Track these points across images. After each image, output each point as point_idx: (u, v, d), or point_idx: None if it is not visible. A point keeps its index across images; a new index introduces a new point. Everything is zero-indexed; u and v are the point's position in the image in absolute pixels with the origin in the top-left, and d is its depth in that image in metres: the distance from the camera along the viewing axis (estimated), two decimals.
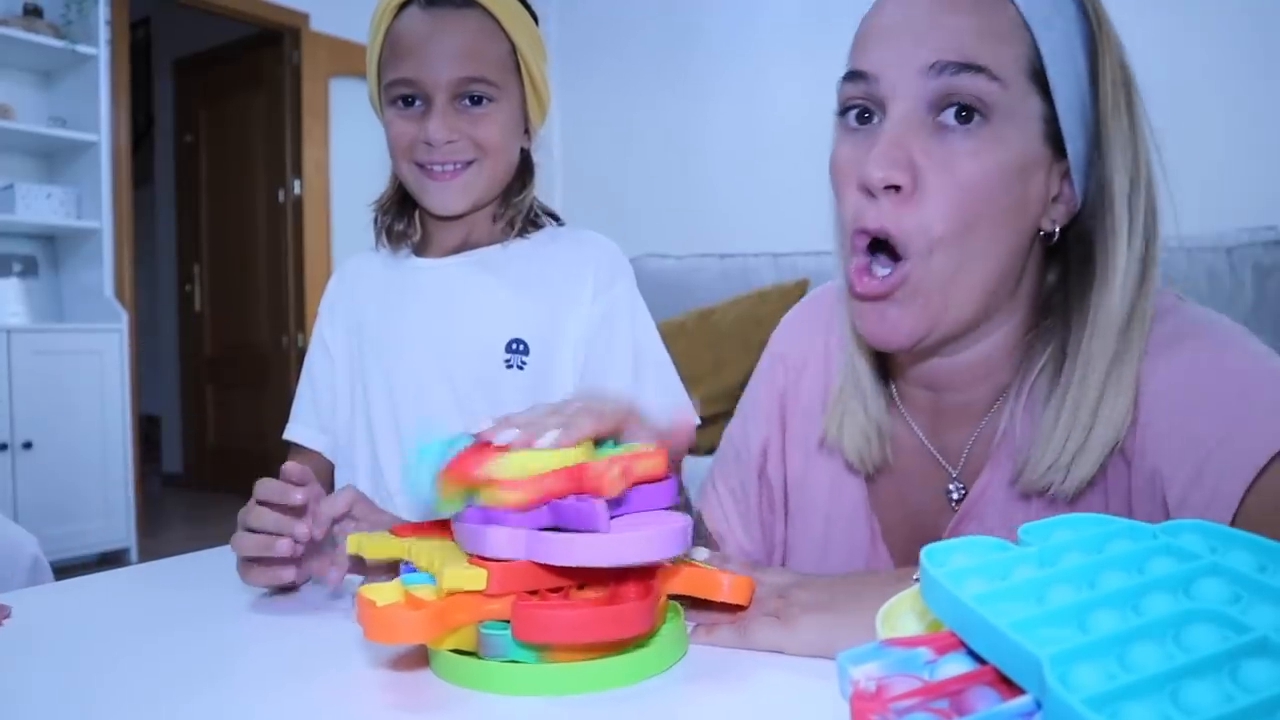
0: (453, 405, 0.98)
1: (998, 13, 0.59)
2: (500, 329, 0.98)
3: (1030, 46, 0.59)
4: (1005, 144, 0.59)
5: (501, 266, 1.01)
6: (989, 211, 0.59)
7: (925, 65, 0.58)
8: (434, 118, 0.93)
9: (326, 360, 1.06)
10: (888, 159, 0.58)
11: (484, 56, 0.95)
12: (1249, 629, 0.29)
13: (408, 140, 0.96)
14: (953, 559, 0.37)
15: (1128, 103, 0.62)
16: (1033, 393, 0.65)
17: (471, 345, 0.99)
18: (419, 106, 0.95)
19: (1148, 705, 0.27)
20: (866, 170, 0.58)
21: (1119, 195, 0.61)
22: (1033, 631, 0.30)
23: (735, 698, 0.51)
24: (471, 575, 0.51)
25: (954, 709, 0.31)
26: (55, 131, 3.33)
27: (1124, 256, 0.61)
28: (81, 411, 3.26)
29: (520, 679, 0.51)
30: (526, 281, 1.00)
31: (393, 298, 1.03)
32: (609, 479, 0.51)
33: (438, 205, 0.97)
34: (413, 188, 0.98)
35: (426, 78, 0.93)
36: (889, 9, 0.62)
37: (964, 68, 0.58)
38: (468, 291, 1.00)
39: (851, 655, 0.33)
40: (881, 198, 0.59)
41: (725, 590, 0.59)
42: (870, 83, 0.61)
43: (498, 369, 0.98)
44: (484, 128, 0.95)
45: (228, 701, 0.52)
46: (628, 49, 3.89)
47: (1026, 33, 0.59)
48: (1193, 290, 2.09)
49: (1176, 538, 0.37)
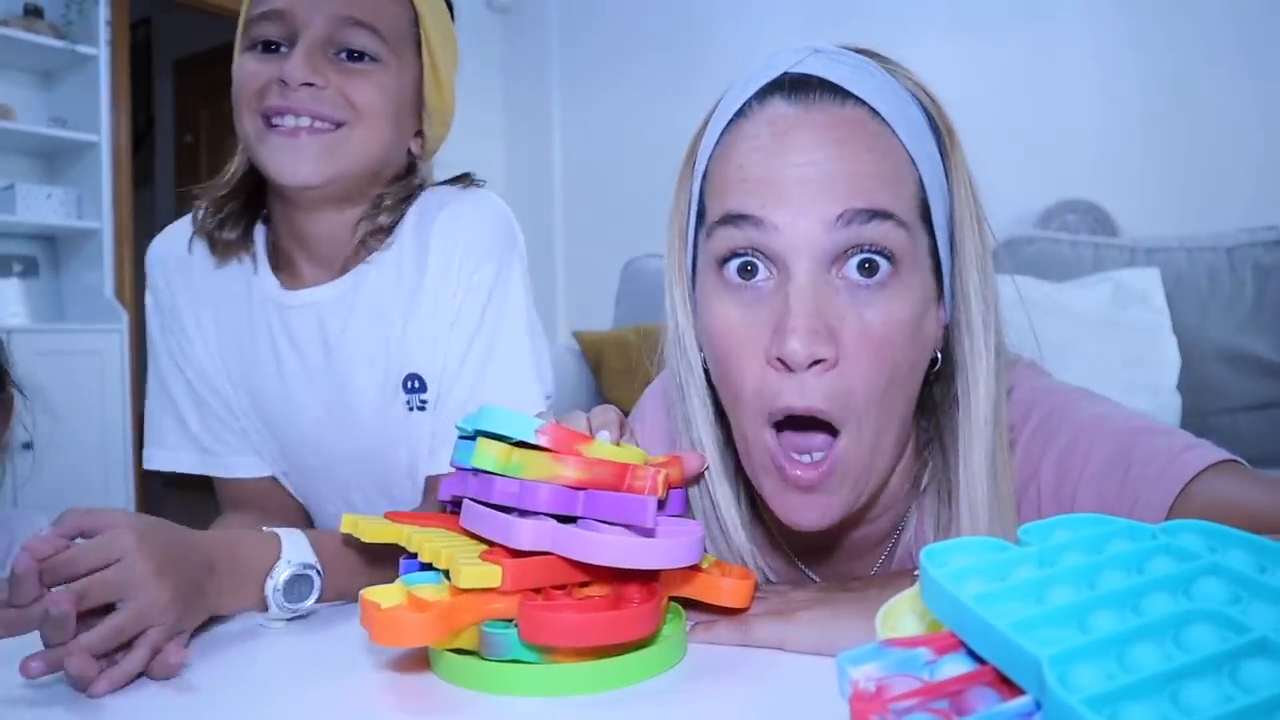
0: (362, 475, 0.86)
1: (891, 149, 0.55)
2: (393, 370, 0.81)
3: (917, 181, 0.56)
4: (910, 292, 0.56)
5: (374, 287, 0.82)
6: (903, 363, 0.56)
7: (833, 216, 0.53)
8: (296, 54, 0.73)
9: (205, 383, 0.88)
10: (811, 333, 0.52)
11: (376, 3, 0.77)
12: (1249, 629, 0.29)
13: (259, 83, 0.74)
14: (952, 559, 0.37)
15: (976, 214, 0.60)
16: (924, 514, 0.65)
17: (370, 402, 0.82)
18: (283, 52, 0.75)
19: (1147, 705, 0.27)
20: (788, 348, 0.52)
21: (974, 299, 0.58)
22: (1032, 632, 0.31)
23: (735, 698, 0.51)
24: (487, 572, 0.51)
25: (954, 709, 0.31)
26: (55, 132, 3.33)
27: (983, 362, 0.58)
28: (82, 412, 3.26)
29: (523, 679, 0.51)
30: (400, 298, 0.81)
31: (259, 341, 0.84)
32: (655, 482, 0.53)
33: (284, 171, 0.74)
34: (254, 149, 0.76)
35: (298, 11, 0.74)
36: (782, 144, 0.55)
37: (874, 215, 0.53)
38: (349, 333, 0.82)
39: (851, 656, 0.33)
40: (803, 374, 0.54)
41: (725, 594, 0.59)
42: (764, 232, 0.54)
43: (402, 419, 0.82)
44: (360, 87, 0.76)
45: (230, 705, 0.52)
46: (628, 48, 3.89)
47: (912, 166, 0.56)
48: (1193, 290, 2.09)
49: (1176, 538, 0.37)
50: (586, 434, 0.56)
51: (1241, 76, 2.55)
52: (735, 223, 0.56)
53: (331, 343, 0.82)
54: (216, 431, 0.89)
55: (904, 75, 0.60)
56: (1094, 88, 2.77)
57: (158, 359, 0.90)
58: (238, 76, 0.76)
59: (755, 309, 0.56)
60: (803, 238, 0.54)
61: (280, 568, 0.65)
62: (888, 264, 0.55)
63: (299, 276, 0.84)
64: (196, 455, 0.90)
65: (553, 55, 4.11)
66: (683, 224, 0.63)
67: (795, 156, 0.54)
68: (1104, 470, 0.58)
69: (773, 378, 0.55)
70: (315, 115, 0.74)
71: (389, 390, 0.82)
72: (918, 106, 0.59)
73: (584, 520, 0.54)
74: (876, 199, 0.54)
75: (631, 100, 3.87)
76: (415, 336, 0.81)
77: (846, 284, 0.55)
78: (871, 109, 0.56)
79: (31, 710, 0.52)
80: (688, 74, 3.63)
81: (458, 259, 0.79)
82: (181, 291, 0.87)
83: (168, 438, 0.90)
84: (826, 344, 0.53)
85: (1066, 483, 0.59)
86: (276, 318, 0.84)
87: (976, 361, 0.58)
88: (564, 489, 0.54)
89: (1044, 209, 2.66)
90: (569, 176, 4.11)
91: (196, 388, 0.88)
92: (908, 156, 0.56)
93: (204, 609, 0.61)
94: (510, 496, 0.54)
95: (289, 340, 0.84)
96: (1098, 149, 2.73)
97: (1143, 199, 2.63)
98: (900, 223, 0.54)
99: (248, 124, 0.75)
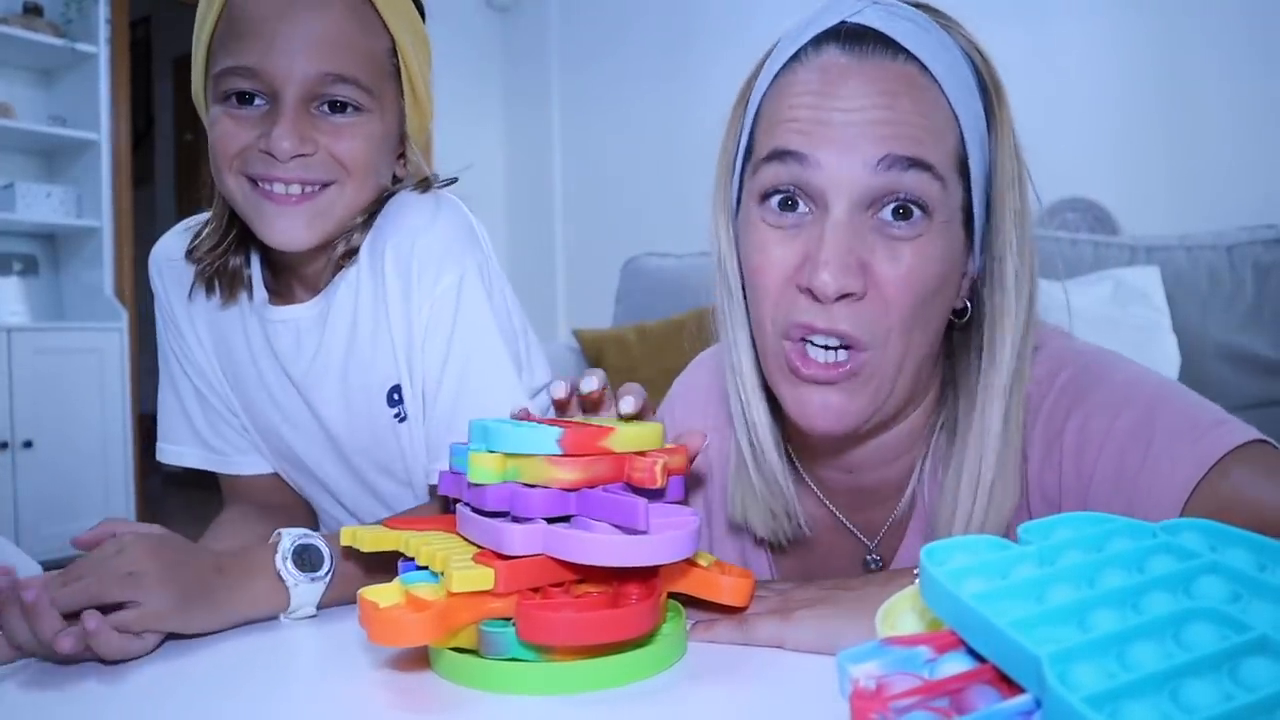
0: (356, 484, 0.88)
1: (936, 106, 0.58)
2: (372, 385, 0.81)
3: (958, 138, 0.59)
4: (940, 240, 0.58)
5: (343, 305, 0.81)
6: (931, 301, 0.59)
7: (874, 159, 0.56)
8: (282, 122, 0.71)
9: (207, 384, 0.89)
10: (843, 267, 0.56)
11: (354, 51, 0.74)
12: (1248, 628, 0.29)
13: (238, 145, 0.72)
14: (952, 558, 0.37)
15: (1018, 173, 0.61)
16: (935, 464, 0.66)
17: (354, 418, 0.83)
18: (260, 105, 0.73)
19: (1147, 704, 0.27)
20: (820, 280, 0.56)
21: (1010, 254, 0.61)
22: (1032, 630, 0.31)
23: (735, 696, 0.51)
24: (479, 575, 0.51)
25: (954, 707, 0.31)
26: (55, 130, 3.33)
27: (1012, 318, 0.61)
28: (82, 410, 3.26)
29: (522, 678, 0.51)
30: (366, 314, 0.81)
31: (246, 351, 0.85)
32: (656, 471, 0.52)
33: (279, 237, 0.74)
34: (243, 209, 0.75)
35: (275, 70, 0.71)
36: (832, 90, 0.57)
37: (913, 164, 0.56)
38: (325, 351, 0.82)
39: (851, 654, 0.33)
40: (833, 305, 0.57)
41: (725, 592, 0.59)
42: (808, 169, 0.57)
43: (392, 431, 0.82)
44: (347, 142, 0.74)
45: (230, 704, 0.52)
46: (627, 47, 3.89)
47: (955, 123, 0.59)
48: (1193, 289, 2.09)
49: (1176, 536, 0.37)
50: (607, 426, 0.56)
51: (1242, 75, 2.54)
52: (781, 159, 0.58)
53: (307, 360, 0.83)
54: (219, 429, 0.91)
55: (958, 31, 0.62)
56: (1094, 86, 2.77)
57: (165, 357, 0.92)
58: (213, 132, 0.74)
59: (792, 242, 0.59)
60: (844, 177, 0.57)
61: (284, 542, 0.66)
62: (921, 213, 0.57)
63: (288, 292, 0.85)
64: (202, 452, 0.91)
65: (553, 55, 4.11)
66: (730, 160, 0.66)
67: (844, 102, 0.57)
68: (1127, 440, 0.59)
69: (801, 302, 0.58)
70: (305, 182, 0.74)
71: (374, 405, 0.82)
72: (968, 64, 0.61)
73: (578, 518, 0.54)
74: (917, 150, 0.56)
75: (631, 100, 3.87)
76: (385, 350, 0.81)
77: (880, 225, 0.58)
78: (921, 65, 0.58)
79: (38, 701, 0.52)
80: (687, 74, 3.63)
81: (415, 272, 0.78)
82: (177, 295, 0.89)
83: (175, 433, 0.91)
84: (856, 278, 0.56)
85: (1090, 448, 0.60)
86: (260, 331, 0.85)
87: (1005, 314, 0.61)
88: (558, 491, 0.53)
89: (1044, 207, 2.66)
90: (569, 176, 4.11)
91: (199, 387, 0.90)
92: (951, 113, 0.58)
93: (214, 610, 0.62)
94: (504, 502, 0.54)
95: (271, 353, 0.84)
96: (1098, 147, 2.73)
97: (1143, 197, 2.63)
98: (937, 175, 0.57)
99: (231, 184, 0.74)
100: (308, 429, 0.86)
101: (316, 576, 0.66)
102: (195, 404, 0.91)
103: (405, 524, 0.62)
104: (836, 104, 0.57)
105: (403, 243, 0.78)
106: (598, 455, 0.54)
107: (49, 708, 0.52)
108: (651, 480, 0.52)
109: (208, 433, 0.91)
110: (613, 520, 0.52)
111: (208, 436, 0.91)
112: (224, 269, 0.83)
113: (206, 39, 0.74)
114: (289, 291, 0.85)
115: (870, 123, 0.56)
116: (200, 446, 0.91)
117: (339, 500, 0.91)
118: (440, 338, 0.79)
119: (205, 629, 0.62)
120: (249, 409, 0.89)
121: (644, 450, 0.56)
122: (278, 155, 0.71)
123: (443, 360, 0.79)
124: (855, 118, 0.56)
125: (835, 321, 0.57)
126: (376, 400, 0.82)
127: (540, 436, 0.54)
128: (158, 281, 0.90)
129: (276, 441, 0.89)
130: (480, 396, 0.79)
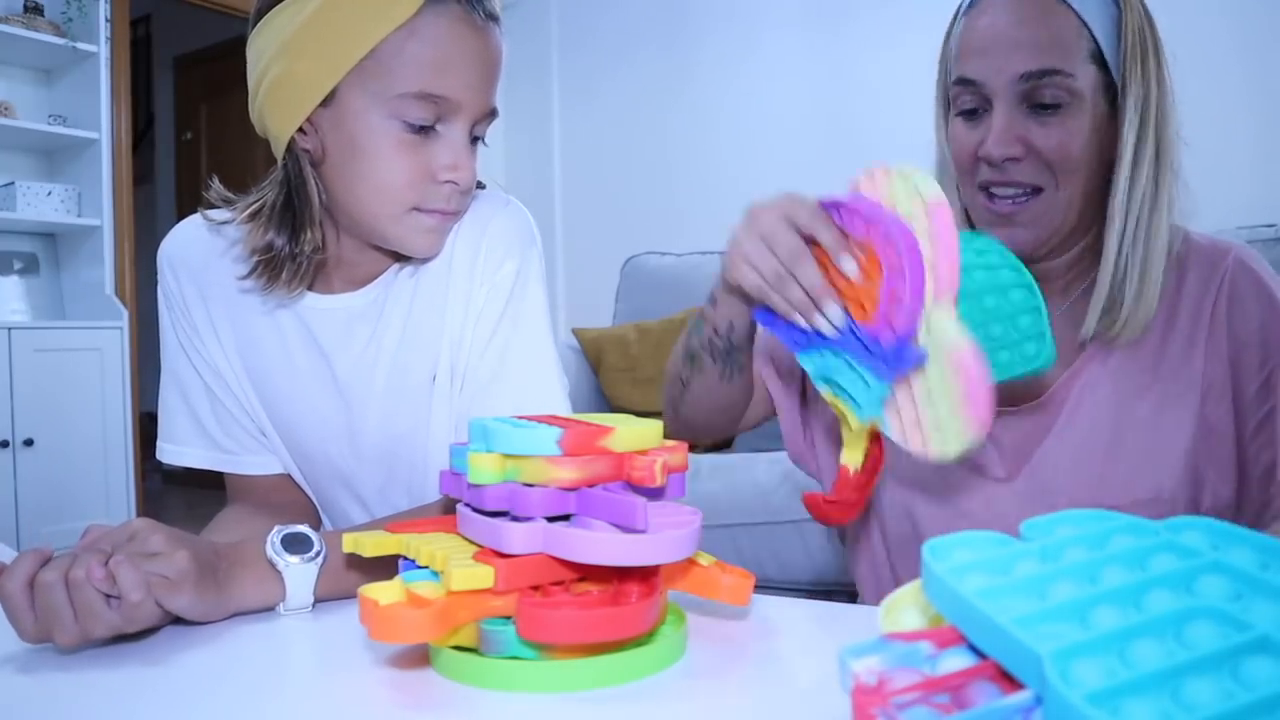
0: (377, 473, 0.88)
1: (1064, 21, 0.77)
2: (424, 371, 0.84)
3: (1089, 39, 0.77)
4: (1083, 115, 0.77)
5: (403, 294, 0.85)
6: (1082, 158, 0.78)
7: (1017, 75, 0.77)
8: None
9: (221, 383, 0.89)
10: (1005, 140, 0.77)
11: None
12: (1250, 627, 0.29)
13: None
14: (955, 554, 0.37)
15: (1141, 48, 0.80)
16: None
17: (396, 405, 0.85)
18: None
19: (1148, 702, 0.27)
20: (988, 149, 0.78)
21: (1132, 107, 0.79)
22: (1034, 627, 0.31)
23: (735, 695, 0.51)
24: (479, 574, 0.51)
25: (955, 703, 0.31)
26: (56, 129, 3.33)
27: (1148, 161, 0.79)
28: (82, 409, 3.26)
29: (522, 676, 0.51)
30: (427, 303, 0.84)
31: (275, 342, 0.86)
32: (655, 470, 0.52)
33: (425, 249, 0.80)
34: (393, 227, 0.78)
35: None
36: (982, 26, 0.79)
37: (1046, 73, 0.76)
38: (380, 339, 0.84)
39: (853, 649, 0.33)
40: (1004, 166, 0.78)
41: (725, 591, 0.59)
42: (977, 86, 0.79)
43: (426, 417, 0.85)
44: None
45: (230, 702, 0.52)
46: (627, 47, 3.88)
47: (1085, 28, 0.77)
48: None
49: (1178, 535, 0.37)
50: (607, 425, 0.56)
51: (1240, 74, 2.54)
52: (961, 84, 0.81)
53: (359, 348, 0.85)
54: (230, 429, 0.90)
55: None
56: None
57: (170, 354, 0.91)
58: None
59: (975, 132, 0.81)
60: (999, 89, 0.78)
61: (272, 533, 0.68)
62: (1066, 100, 0.77)
63: (328, 283, 0.86)
64: (209, 451, 0.91)
65: (553, 55, 4.10)
66: (943, 76, 0.86)
67: (987, 28, 0.79)
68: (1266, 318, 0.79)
69: (983, 168, 0.80)
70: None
71: (420, 391, 0.84)
72: None
73: (578, 517, 0.54)
74: (1050, 62, 0.76)
75: (631, 99, 3.87)
76: (438, 337, 0.84)
77: (1035, 112, 0.78)
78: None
79: (38, 701, 0.52)
80: (687, 74, 3.63)
81: (484, 253, 0.83)
82: (193, 291, 0.88)
83: (179, 432, 0.91)
84: (1015, 145, 0.77)
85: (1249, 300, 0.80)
86: (295, 320, 0.85)
87: (1141, 163, 0.79)
88: (558, 490, 0.53)
89: None
90: (569, 174, 4.11)
91: (211, 385, 0.89)
92: (1078, 19, 0.77)
93: (218, 590, 0.63)
94: (503, 501, 0.54)
95: (313, 343, 0.85)
96: None
97: None
98: (1069, 75, 0.76)
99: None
100: (335, 422, 0.86)
101: (307, 558, 0.67)
102: (205, 402, 0.90)
103: (406, 527, 0.63)
104: (985, 33, 0.79)
105: (475, 227, 0.84)
106: (597, 454, 0.54)
107: (47, 699, 0.53)
108: (651, 479, 0.52)
109: (218, 432, 0.90)
110: (612, 520, 0.52)
111: (218, 436, 0.90)
112: (297, 256, 0.80)
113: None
114: (328, 280, 0.86)
115: (1013, 46, 0.77)
116: (208, 446, 0.91)
117: (356, 494, 0.91)
118: (490, 320, 0.83)
119: (211, 609, 0.63)
120: (270, 405, 0.88)
121: (644, 449, 0.56)
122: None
123: (486, 340, 0.83)
124: (1005, 41, 0.77)
125: (1004, 176, 0.79)
126: (423, 388, 0.84)
127: (540, 437, 0.54)
128: (170, 276, 0.89)
129: (299, 436, 0.89)
130: (517, 381, 0.82)
